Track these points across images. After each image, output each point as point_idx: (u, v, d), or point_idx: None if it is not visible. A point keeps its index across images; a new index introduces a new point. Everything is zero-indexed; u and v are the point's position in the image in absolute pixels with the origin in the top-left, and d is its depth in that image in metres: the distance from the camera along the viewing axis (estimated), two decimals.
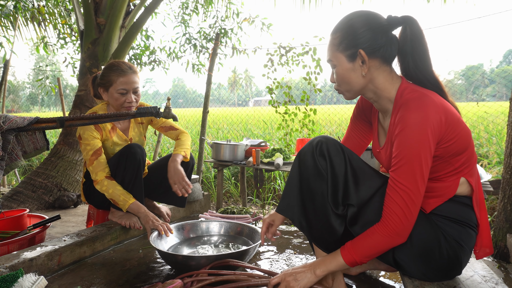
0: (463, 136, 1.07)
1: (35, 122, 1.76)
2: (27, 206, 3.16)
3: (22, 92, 44.09)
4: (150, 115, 1.82)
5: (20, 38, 5.68)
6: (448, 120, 1.03)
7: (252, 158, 3.08)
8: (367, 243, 1.08)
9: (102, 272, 1.57)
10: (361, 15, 1.12)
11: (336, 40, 1.14)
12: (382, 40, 1.09)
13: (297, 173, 1.22)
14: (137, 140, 2.12)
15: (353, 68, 1.13)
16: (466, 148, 1.09)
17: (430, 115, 1.00)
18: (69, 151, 3.63)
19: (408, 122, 1.01)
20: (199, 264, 1.44)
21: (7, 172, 1.79)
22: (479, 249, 1.16)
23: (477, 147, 4.71)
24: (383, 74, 1.14)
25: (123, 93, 1.90)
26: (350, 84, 1.16)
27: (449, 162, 1.09)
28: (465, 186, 1.13)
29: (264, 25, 5.24)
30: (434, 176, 1.12)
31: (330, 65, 1.19)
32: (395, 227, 1.03)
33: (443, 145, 1.05)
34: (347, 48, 1.11)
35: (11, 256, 1.45)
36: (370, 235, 1.07)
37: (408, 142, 1.01)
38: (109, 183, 1.85)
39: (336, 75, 1.18)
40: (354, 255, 1.09)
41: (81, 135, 1.89)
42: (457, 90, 5.55)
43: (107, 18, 3.81)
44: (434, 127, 1.01)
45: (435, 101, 1.03)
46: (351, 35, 1.10)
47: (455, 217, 1.12)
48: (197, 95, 19.47)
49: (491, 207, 3.19)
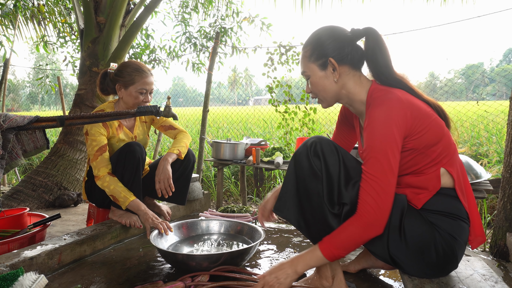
0: (433, 127, 1.12)
1: (35, 121, 1.76)
2: (27, 205, 3.16)
3: (22, 91, 44.07)
4: (150, 114, 1.83)
5: (20, 37, 5.68)
6: (414, 114, 1.10)
7: (252, 157, 3.08)
8: (343, 236, 1.10)
9: (103, 270, 1.57)
10: (328, 29, 1.24)
11: (308, 53, 1.25)
12: (348, 49, 1.21)
13: (293, 174, 1.25)
14: (141, 138, 2.15)
15: (325, 75, 1.23)
16: (440, 139, 1.13)
17: (394, 109, 1.08)
18: (69, 150, 3.64)
19: (374, 117, 1.10)
20: (199, 263, 1.44)
21: (7, 171, 1.79)
22: (473, 239, 1.17)
23: (477, 146, 4.71)
24: (353, 79, 1.23)
25: (143, 92, 1.97)
26: (325, 90, 1.25)
27: (425, 154, 1.14)
28: (447, 177, 1.16)
29: (264, 24, 5.23)
30: (414, 169, 1.16)
31: (305, 76, 1.29)
32: (369, 217, 1.06)
33: (413, 137, 1.11)
34: (318, 58, 1.22)
35: (11, 255, 1.45)
36: (346, 227, 1.10)
37: (373, 135, 1.08)
38: (111, 179, 1.86)
39: (311, 85, 1.27)
40: (332, 248, 1.11)
41: (88, 131, 1.92)
42: (457, 89, 5.55)
43: (107, 17, 3.81)
44: (399, 121, 1.07)
45: (399, 97, 1.11)
46: (320, 46, 1.22)
47: (445, 211, 1.14)
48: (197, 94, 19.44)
49: (491, 206, 3.20)
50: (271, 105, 4.27)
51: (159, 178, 1.94)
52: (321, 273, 1.28)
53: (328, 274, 1.26)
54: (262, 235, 1.63)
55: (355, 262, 1.50)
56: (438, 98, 6.84)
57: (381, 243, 1.12)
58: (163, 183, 1.93)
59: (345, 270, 1.49)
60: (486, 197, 2.05)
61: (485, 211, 2.93)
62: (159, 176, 1.94)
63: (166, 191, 1.94)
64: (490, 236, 2.16)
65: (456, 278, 1.20)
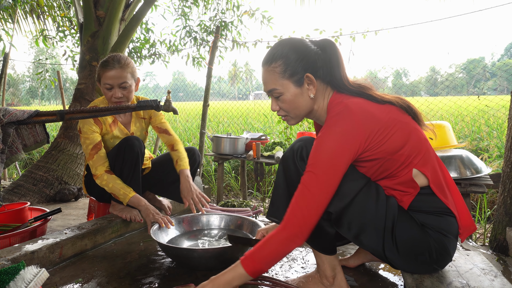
0: (396, 133, 1.09)
1: (35, 115, 1.76)
2: (28, 199, 3.17)
3: (22, 85, 43.97)
4: (150, 108, 1.82)
5: (19, 31, 5.66)
6: (370, 127, 1.07)
7: (252, 152, 3.08)
8: (267, 249, 1.05)
9: (103, 264, 1.58)
10: (294, 43, 1.18)
11: (278, 69, 1.16)
12: (319, 63, 1.17)
13: (282, 178, 1.26)
14: (138, 134, 2.11)
15: (301, 92, 1.17)
16: (405, 142, 1.10)
17: (347, 129, 1.05)
18: (69, 145, 3.64)
19: (326, 132, 1.07)
20: (199, 256, 1.44)
21: (7, 165, 1.79)
22: (462, 231, 1.16)
23: (478, 140, 4.70)
24: (322, 93, 1.20)
25: (109, 88, 1.88)
26: (299, 108, 1.20)
27: (392, 159, 1.11)
28: (421, 177, 1.14)
29: (265, 18, 5.20)
30: (387, 174, 1.14)
31: (273, 94, 1.20)
32: (293, 230, 1.03)
33: (372, 149, 1.08)
34: (293, 74, 1.15)
35: (12, 249, 1.46)
36: (270, 239, 1.05)
37: (320, 151, 1.05)
38: (108, 177, 1.85)
39: (283, 103, 1.20)
40: (255, 263, 1.05)
41: (81, 129, 1.90)
42: (458, 83, 5.53)
43: (106, 11, 3.78)
44: (350, 141, 1.05)
45: (354, 113, 1.07)
46: (293, 61, 1.15)
47: (429, 209, 1.13)
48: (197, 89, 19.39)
49: (491, 200, 3.20)
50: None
51: (192, 195, 1.92)
52: (322, 272, 1.27)
53: (328, 273, 1.25)
54: None
55: (354, 257, 1.50)
56: (439, 93, 6.81)
57: (377, 245, 1.11)
58: (196, 196, 1.93)
59: (344, 265, 1.49)
60: (486, 192, 2.05)
61: (485, 205, 2.93)
62: (189, 193, 1.92)
63: (199, 204, 1.92)
64: (490, 230, 2.17)
65: (455, 272, 1.21)
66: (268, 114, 7.80)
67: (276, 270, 1.50)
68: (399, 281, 1.38)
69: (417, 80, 10.16)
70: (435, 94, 7.48)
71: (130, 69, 1.91)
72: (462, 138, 4.93)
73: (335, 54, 1.18)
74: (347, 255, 1.65)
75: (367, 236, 1.11)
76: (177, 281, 1.41)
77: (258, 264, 1.05)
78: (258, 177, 3.25)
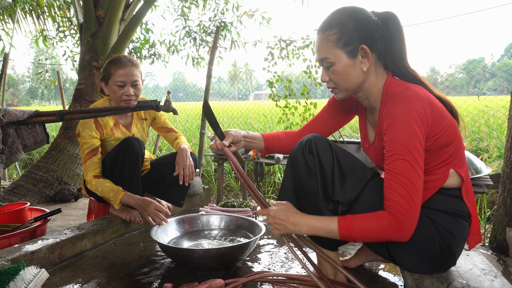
0: (449, 128, 1.07)
1: (35, 115, 1.76)
2: (28, 199, 3.17)
3: (22, 85, 43.95)
4: (150, 109, 1.82)
5: (19, 31, 5.65)
6: (434, 113, 1.04)
7: (252, 152, 3.08)
8: (370, 225, 1.01)
9: (103, 265, 1.57)
10: (352, 11, 1.11)
11: (333, 37, 1.10)
12: (378, 35, 1.10)
13: (290, 173, 1.25)
14: (139, 136, 2.11)
15: (353, 64, 1.11)
16: (453, 140, 1.09)
17: (415, 107, 1.01)
18: (69, 145, 3.63)
19: (395, 115, 1.02)
20: (199, 257, 1.44)
21: (7, 165, 1.79)
22: (471, 239, 1.17)
23: (477, 141, 4.70)
24: (375, 70, 1.15)
25: (121, 85, 1.89)
26: (350, 81, 1.13)
27: (437, 155, 1.10)
28: (455, 177, 1.13)
29: (264, 19, 5.20)
30: (424, 169, 1.11)
31: (324, 63, 1.14)
32: (403, 219, 0.98)
33: (431, 138, 1.06)
34: (347, 44, 1.09)
35: (12, 249, 1.46)
36: (377, 219, 1.01)
37: (397, 135, 1.01)
38: (97, 182, 1.83)
39: (334, 74, 1.14)
40: (351, 229, 1.02)
41: (80, 133, 1.89)
42: (458, 83, 5.53)
43: (106, 11, 3.78)
44: (421, 119, 1.01)
45: (419, 94, 1.04)
46: (349, 30, 1.08)
47: (446, 209, 1.13)
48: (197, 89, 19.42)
49: (491, 201, 3.20)
50: (271, 99, 4.26)
51: (185, 164, 1.98)
52: (323, 270, 1.27)
53: (329, 271, 1.26)
54: (263, 229, 1.64)
55: (354, 258, 1.50)
56: None
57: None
58: (188, 169, 1.98)
59: (344, 266, 1.49)
60: (486, 192, 2.06)
61: (485, 206, 2.93)
62: (184, 162, 1.99)
63: (189, 178, 2.00)
64: (490, 231, 2.17)
65: (455, 273, 1.21)
66: (268, 115, 7.79)
67: (278, 270, 1.50)
68: (399, 281, 1.38)
69: None
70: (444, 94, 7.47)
71: (139, 69, 1.97)
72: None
73: (397, 29, 1.11)
74: (347, 255, 1.65)
75: None
76: (177, 281, 1.41)
77: (353, 232, 1.02)
78: (258, 177, 3.24)
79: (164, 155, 2.23)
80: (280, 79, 4.22)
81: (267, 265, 1.55)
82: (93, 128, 1.89)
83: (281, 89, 4.29)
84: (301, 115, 4.29)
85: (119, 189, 1.83)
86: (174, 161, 2.06)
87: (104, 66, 1.95)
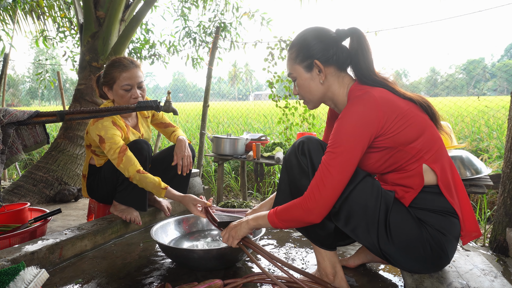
0: (411, 125, 1.11)
1: (35, 116, 1.76)
2: (28, 200, 3.17)
3: (22, 86, 43.96)
4: (150, 109, 1.82)
5: (19, 31, 5.66)
6: (388, 113, 1.10)
7: (252, 152, 3.08)
8: (288, 212, 1.16)
9: (103, 265, 1.57)
10: (312, 30, 1.24)
11: (293, 55, 1.24)
12: (333, 50, 1.21)
13: (285, 175, 1.30)
14: (146, 135, 2.13)
15: (311, 77, 1.24)
16: (419, 136, 1.12)
17: (366, 109, 1.09)
18: (69, 145, 3.64)
19: (345, 115, 1.11)
20: (199, 257, 1.44)
21: (7, 165, 1.80)
22: (464, 235, 1.16)
23: (478, 141, 4.71)
24: (337, 80, 1.24)
25: (128, 89, 1.87)
26: (311, 92, 1.26)
27: (404, 151, 1.13)
28: (430, 174, 1.14)
29: (264, 19, 5.20)
30: (396, 166, 1.16)
31: (291, 78, 1.29)
32: (310, 204, 1.10)
33: (387, 135, 1.11)
34: (304, 60, 1.22)
35: (12, 250, 1.46)
36: (292, 206, 1.15)
37: (340, 131, 1.10)
38: (140, 177, 1.79)
39: (298, 87, 1.28)
40: (275, 218, 1.19)
41: (103, 136, 1.81)
42: (458, 84, 5.54)
43: (106, 11, 3.79)
44: (369, 121, 1.08)
45: (374, 96, 1.11)
46: (305, 48, 1.22)
47: (432, 208, 1.14)
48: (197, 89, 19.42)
49: (491, 201, 3.20)
50: (271, 100, 4.26)
51: (183, 155, 2.00)
52: (322, 270, 1.28)
53: (329, 270, 1.26)
54: (263, 230, 1.64)
55: (354, 257, 1.50)
56: (439, 93, 6.82)
57: (372, 239, 1.12)
58: (187, 159, 2.01)
59: (344, 265, 1.49)
60: (486, 192, 2.06)
61: (485, 206, 2.93)
62: (182, 152, 2.01)
63: (187, 167, 2.02)
64: (490, 231, 2.17)
65: (455, 273, 1.21)
66: (268, 115, 7.80)
67: (277, 272, 1.50)
68: (399, 281, 1.38)
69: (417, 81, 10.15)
70: (435, 94, 7.48)
71: (141, 69, 1.97)
72: (462, 139, 4.93)
73: (360, 42, 1.20)
74: (347, 255, 1.65)
75: (363, 230, 1.12)
76: (177, 281, 1.41)
77: (279, 222, 1.19)
78: (258, 178, 3.25)
79: (162, 149, 2.25)
80: (280, 80, 4.22)
81: (267, 266, 1.55)
82: (115, 128, 1.85)
83: (281, 90, 4.30)
84: (301, 116, 4.30)
85: (160, 187, 1.79)
86: (172, 153, 2.07)
87: (105, 70, 1.92)
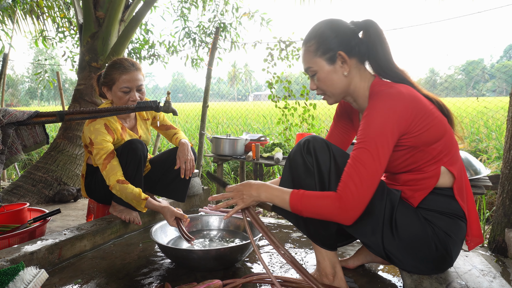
0: (435, 125, 1.10)
1: (35, 116, 1.76)
2: (27, 200, 3.17)
3: (21, 86, 43.93)
4: (150, 109, 1.82)
5: (18, 31, 5.65)
6: (416, 111, 1.08)
7: (251, 153, 3.09)
8: (316, 201, 1.09)
9: (103, 265, 1.57)
10: (329, 23, 1.20)
11: (312, 47, 1.20)
12: (354, 41, 1.18)
13: (288, 173, 1.27)
14: (144, 137, 2.12)
15: (334, 70, 1.19)
16: (441, 137, 1.12)
17: (395, 104, 1.06)
18: (69, 145, 3.63)
19: (373, 108, 1.08)
20: (199, 257, 1.44)
21: (7, 166, 1.79)
22: (470, 240, 1.17)
23: (476, 142, 4.71)
24: (359, 73, 1.21)
25: (126, 91, 1.87)
26: (334, 86, 1.21)
27: (425, 151, 1.12)
28: (447, 176, 1.14)
29: (264, 20, 5.21)
30: (414, 167, 1.15)
31: (309, 73, 1.24)
32: (347, 202, 1.04)
33: (413, 134, 1.09)
34: (325, 52, 1.18)
35: (12, 250, 1.46)
36: (324, 197, 1.08)
37: (370, 126, 1.06)
38: (120, 188, 1.78)
39: (318, 81, 1.23)
40: (299, 204, 1.11)
41: (92, 140, 1.82)
42: (457, 85, 5.55)
43: (106, 12, 3.79)
44: (398, 116, 1.06)
45: (402, 92, 1.09)
46: (325, 40, 1.17)
47: (442, 210, 1.14)
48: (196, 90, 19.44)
49: (490, 202, 3.20)
50: (270, 100, 4.27)
51: (186, 158, 2.00)
52: (322, 270, 1.28)
53: (328, 270, 1.26)
54: None
55: (354, 258, 1.50)
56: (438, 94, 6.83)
57: (376, 238, 1.12)
58: (190, 163, 2.01)
59: (344, 266, 1.49)
60: (485, 193, 2.06)
61: (484, 207, 2.94)
62: (185, 156, 2.01)
63: (190, 171, 2.03)
64: (489, 232, 2.17)
65: (454, 273, 1.21)
66: (267, 115, 7.80)
67: (277, 272, 1.51)
68: (398, 282, 1.39)
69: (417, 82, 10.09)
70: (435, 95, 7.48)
71: (142, 71, 1.96)
72: (460, 140, 4.94)
73: (377, 34, 1.17)
74: (346, 256, 1.66)
75: (367, 228, 1.12)
76: (176, 282, 1.41)
77: (302, 207, 1.11)
78: (257, 178, 3.25)
79: (162, 151, 2.24)
80: (280, 80, 4.23)
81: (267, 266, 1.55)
82: (105, 133, 1.84)
83: (280, 90, 4.30)
84: (301, 116, 4.30)
85: (141, 198, 1.80)
86: (174, 156, 2.07)
87: (106, 71, 1.91)
